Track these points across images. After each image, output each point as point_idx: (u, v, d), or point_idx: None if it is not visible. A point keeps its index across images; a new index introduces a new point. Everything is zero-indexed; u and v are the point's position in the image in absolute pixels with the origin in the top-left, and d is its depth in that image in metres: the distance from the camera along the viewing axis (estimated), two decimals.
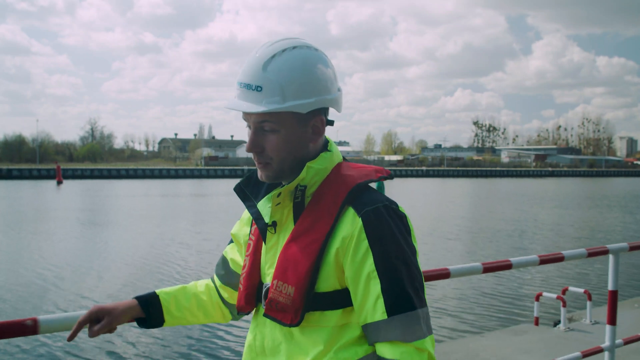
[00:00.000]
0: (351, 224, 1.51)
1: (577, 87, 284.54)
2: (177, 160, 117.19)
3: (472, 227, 23.10)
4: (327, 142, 1.68)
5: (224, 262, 1.92)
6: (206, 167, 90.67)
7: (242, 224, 1.85)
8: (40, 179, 69.38)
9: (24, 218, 26.17)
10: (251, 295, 1.67)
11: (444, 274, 3.26)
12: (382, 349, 1.48)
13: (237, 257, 1.86)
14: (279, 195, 1.59)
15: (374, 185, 1.64)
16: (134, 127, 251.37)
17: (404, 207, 1.59)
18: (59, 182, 58.09)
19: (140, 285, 12.01)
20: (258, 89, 1.52)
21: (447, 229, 22.23)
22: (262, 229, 1.65)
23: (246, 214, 1.84)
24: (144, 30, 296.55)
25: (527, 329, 6.49)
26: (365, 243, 1.49)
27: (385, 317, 1.46)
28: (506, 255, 15.95)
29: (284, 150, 1.57)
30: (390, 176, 1.66)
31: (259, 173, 1.63)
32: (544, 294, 6.83)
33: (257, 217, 1.66)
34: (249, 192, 1.72)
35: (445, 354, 5.18)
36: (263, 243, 1.68)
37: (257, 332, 1.66)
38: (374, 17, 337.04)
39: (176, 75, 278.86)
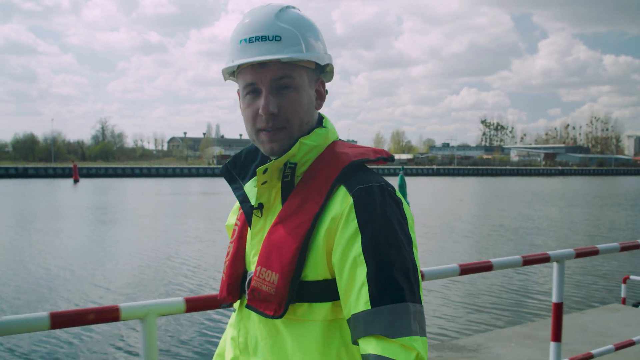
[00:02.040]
0: (341, 203, 1.35)
1: (584, 85, 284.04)
2: (188, 159, 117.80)
3: (507, 224, 23.55)
4: (321, 118, 1.55)
5: None
6: (219, 166, 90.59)
7: (232, 214, 1.70)
8: (56, 177, 70.17)
9: (49, 216, 26.70)
10: (234, 286, 1.52)
11: (545, 257, 3.79)
12: (364, 344, 1.27)
13: None
14: (264, 172, 1.43)
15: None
16: (139, 127, 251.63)
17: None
18: (76, 181, 58.77)
19: (154, 282, 12.32)
20: (277, 38, 1.41)
21: (484, 225, 22.73)
22: (247, 213, 1.51)
23: (236, 204, 1.67)
24: (148, 29, 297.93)
25: (618, 307, 7.06)
26: (354, 223, 1.32)
27: (369, 307, 1.26)
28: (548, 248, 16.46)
29: (301, 110, 1.45)
30: (391, 158, 1.51)
31: (268, 145, 1.45)
32: (631, 277, 7.31)
33: (243, 199, 1.53)
34: (235, 173, 1.58)
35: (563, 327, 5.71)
36: (249, 228, 1.53)
37: (241, 326, 1.51)
38: (378, 16, 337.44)
39: (181, 74, 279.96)
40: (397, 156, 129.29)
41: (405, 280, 1.29)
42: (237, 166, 1.59)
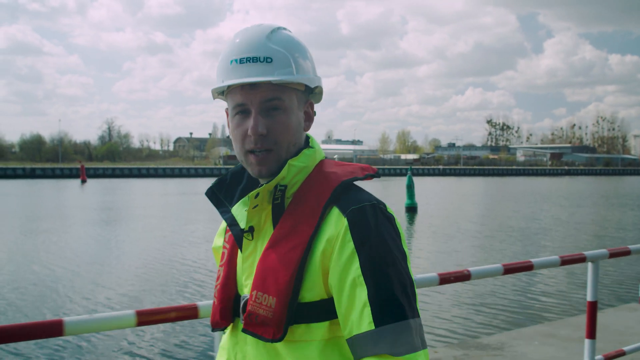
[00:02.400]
0: (336, 225, 1.37)
1: (589, 85, 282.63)
2: (194, 159, 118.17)
3: (520, 225, 23.57)
4: (307, 138, 1.55)
5: None
6: (225, 166, 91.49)
7: (218, 236, 1.69)
8: (63, 177, 70.53)
9: (58, 216, 26.88)
10: (227, 309, 1.52)
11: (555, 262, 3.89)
12: None
13: None
14: (256, 196, 1.43)
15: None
16: (145, 127, 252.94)
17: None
18: (83, 181, 59.07)
19: (163, 285, 12.37)
20: (268, 60, 1.42)
21: (492, 225, 22.78)
22: (237, 236, 1.50)
23: (222, 225, 1.68)
24: (154, 30, 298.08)
25: (636, 307, 7.16)
26: (350, 245, 1.34)
27: (373, 327, 1.29)
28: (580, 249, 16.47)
29: (289, 133, 1.45)
30: (377, 174, 1.52)
31: (256, 168, 1.45)
32: None
33: (231, 222, 1.52)
34: (222, 196, 1.57)
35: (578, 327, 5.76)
36: (239, 251, 1.53)
37: (238, 350, 1.50)
38: (383, 16, 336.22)
39: (186, 75, 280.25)
40: (403, 156, 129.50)
41: (405, 296, 1.33)
42: (222, 188, 1.58)
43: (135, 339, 8.22)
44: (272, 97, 1.42)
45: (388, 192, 41.78)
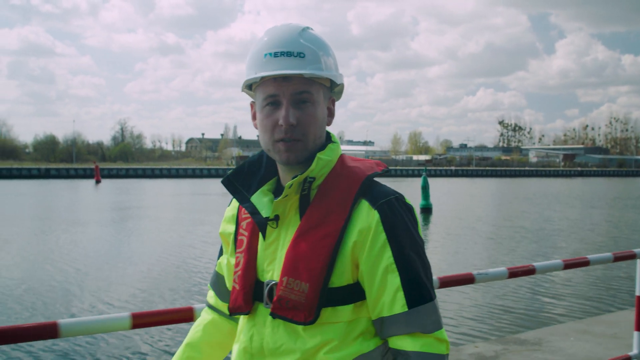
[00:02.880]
0: (367, 217, 1.49)
1: (602, 86, 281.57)
2: (207, 160, 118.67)
3: (543, 226, 23.57)
4: (328, 133, 1.65)
5: (219, 278, 1.84)
6: None
7: (226, 223, 1.78)
8: (77, 178, 71.09)
9: (74, 216, 27.14)
10: (249, 294, 1.59)
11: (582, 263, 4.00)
12: (400, 342, 1.46)
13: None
14: (290, 187, 1.51)
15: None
16: (156, 128, 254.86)
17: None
18: (98, 182, 59.53)
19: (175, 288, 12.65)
20: (301, 55, 1.52)
21: (513, 226, 22.79)
22: (261, 224, 1.57)
23: (229, 212, 1.77)
24: (165, 31, 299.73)
25: None
26: (382, 236, 1.48)
27: (406, 309, 1.45)
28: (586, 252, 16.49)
29: (316, 125, 1.55)
30: (387, 170, 1.64)
31: (284, 155, 1.54)
32: None
33: (252, 211, 1.59)
34: (239, 184, 1.65)
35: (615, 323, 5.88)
36: (260, 239, 1.60)
37: (255, 332, 1.57)
38: (394, 17, 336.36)
39: (198, 75, 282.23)
40: (415, 157, 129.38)
41: (428, 280, 1.51)
42: (240, 178, 1.65)
43: (135, 341, 8.19)
44: (303, 89, 1.52)
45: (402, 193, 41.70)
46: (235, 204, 1.75)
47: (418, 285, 1.47)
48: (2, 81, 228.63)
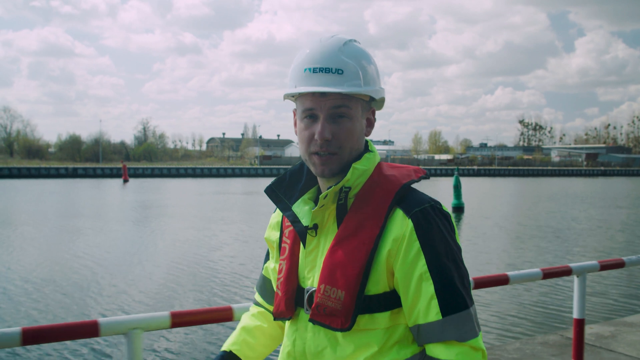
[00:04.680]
0: (401, 226, 1.51)
1: (622, 84, 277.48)
2: (229, 159, 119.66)
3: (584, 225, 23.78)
4: (366, 142, 1.67)
5: (265, 282, 1.90)
6: (262, 166, 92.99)
7: (271, 229, 1.84)
8: (104, 177, 72.08)
9: (112, 214, 27.73)
10: (291, 300, 1.64)
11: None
12: (436, 350, 1.48)
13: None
14: (325, 197, 1.55)
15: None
16: (174, 127, 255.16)
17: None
18: (125, 181, 60.29)
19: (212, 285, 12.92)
20: (339, 71, 1.53)
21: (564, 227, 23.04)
22: (301, 232, 1.62)
23: (274, 218, 1.83)
24: (183, 31, 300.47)
25: None
26: (416, 244, 1.49)
27: (440, 317, 1.46)
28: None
29: (353, 138, 1.57)
30: (427, 176, 1.67)
31: (320, 167, 1.58)
32: None
33: (293, 219, 1.64)
34: (281, 194, 1.69)
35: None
36: (301, 246, 1.65)
37: (297, 337, 1.63)
38: (411, 16, 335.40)
39: (215, 75, 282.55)
40: (436, 157, 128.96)
41: (464, 288, 1.51)
42: (282, 187, 1.70)
43: (170, 340, 8.27)
44: (340, 104, 1.55)
45: (432, 192, 41.89)
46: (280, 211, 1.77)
47: (453, 293, 1.48)
48: (22, 82, 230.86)
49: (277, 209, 1.78)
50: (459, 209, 26.91)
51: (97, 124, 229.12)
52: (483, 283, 3.60)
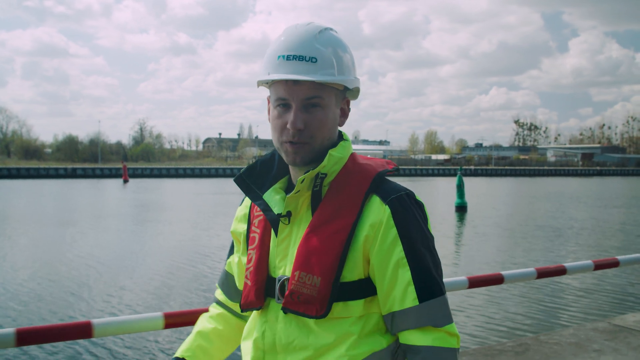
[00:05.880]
0: (378, 212, 1.50)
1: (616, 84, 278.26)
2: (227, 160, 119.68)
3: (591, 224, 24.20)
4: (339, 132, 1.66)
5: (228, 277, 1.86)
6: None
7: (237, 222, 1.80)
8: (103, 177, 72.05)
9: (118, 214, 27.91)
10: (261, 290, 1.61)
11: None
12: (411, 337, 1.48)
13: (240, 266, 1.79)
14: (302, 182, 1.53)
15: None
16: (169, 127, 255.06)
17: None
18: (125, 181, 60.33)
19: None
20: (313, 60, 1.51)
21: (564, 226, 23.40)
22: (273, 220, 1.60)
23: (240, 211, 1.79)
24: (177, 31, 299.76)
25: None
26: (393, 230, 1.49)
27: (417, 303, 1.47)
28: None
29: (325, 128, 1.55)
30: (397, 169, 1.64)
31: (291, 156, 1.56)
32: None
33: (264, 208, 1.61)
34: (251, 182, 1.67)
35: None
36: (273, 235, 1.63)
37: (267, 328, 1.59)
38: (406, 16, 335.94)
39: (210, 75, 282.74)
40: (433, 157, 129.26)
41: (438, 275, 1.53)
42: (252, 176, 1.68)
43: (165, 341, 8.31)
44: (313, 95, 1.52)
45: (433, 192, 42.10)
46: (247, 202, 1.77)
47: (429, 279, 1.49)
48: (16, 82, 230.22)
49: (244, 201, 1.79)
50: (462, 208, 27.31)
51: (92, 124, 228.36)
52: (477, 282, 3.71)
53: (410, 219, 1.51)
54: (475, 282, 3.71)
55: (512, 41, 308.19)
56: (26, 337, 2.30)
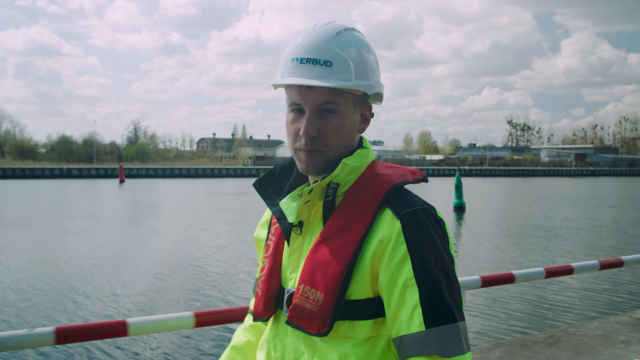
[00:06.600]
0: (389, 226, 1.39)
1: (608, 85, 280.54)
2: (222, 160, 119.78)
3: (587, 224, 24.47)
4: (361, 138, 1.56)
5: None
6: (255, 167, 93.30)
7: (260, 227, 1.73)
8: (99, 177, 71.84)
9: (117, 214, 27.99)
10: (270, 301, 1.54)
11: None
12: None
13: None
14: (310, 192, 1.45)
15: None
16: (162, 127, 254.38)
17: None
18: (122, 181, 60.36)
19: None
20: (327, 64, 1.42)
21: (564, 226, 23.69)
22: (285, 229, 1.53)
23: (265, 216, 1.73)
24: (170, 31, 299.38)
25: None
26: (403, 247, 1.37)
27: (423, 328, 1.33)
28: None
29: (341, 136, 1.46)
30: (425, 178, 1.52)
31: (304, 164, 1.48)
32: None
33: (279, 216, 1.54)
34: (270, 189, 1.60)
35: None
36: (286, 244, 1.55)
37: (278, 342, 1.53)
38: (399, 16, 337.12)
39: (203, 75, 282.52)
40: (428, 157, 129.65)
41: (453, 300, 1.36)
42: (271, 182, 1.61)
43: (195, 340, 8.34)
44: (327, 100, 1.43)
45: (429, 193, 42.45)
46: None
47: (439, 303, 1.34)
48: (8, 81, 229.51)
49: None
50: (460, 208, 27.61)
51: (85, 124, 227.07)
52: (490, 281, 3.76)
53: (424, 236, 1.38)
54: (487, 282, 3.77)
55: (504, 42, 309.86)
56: (65, 335, 2.34)
